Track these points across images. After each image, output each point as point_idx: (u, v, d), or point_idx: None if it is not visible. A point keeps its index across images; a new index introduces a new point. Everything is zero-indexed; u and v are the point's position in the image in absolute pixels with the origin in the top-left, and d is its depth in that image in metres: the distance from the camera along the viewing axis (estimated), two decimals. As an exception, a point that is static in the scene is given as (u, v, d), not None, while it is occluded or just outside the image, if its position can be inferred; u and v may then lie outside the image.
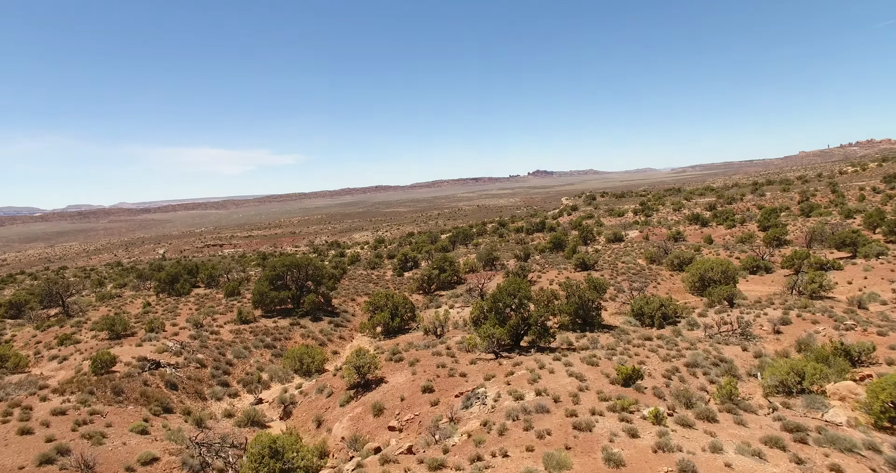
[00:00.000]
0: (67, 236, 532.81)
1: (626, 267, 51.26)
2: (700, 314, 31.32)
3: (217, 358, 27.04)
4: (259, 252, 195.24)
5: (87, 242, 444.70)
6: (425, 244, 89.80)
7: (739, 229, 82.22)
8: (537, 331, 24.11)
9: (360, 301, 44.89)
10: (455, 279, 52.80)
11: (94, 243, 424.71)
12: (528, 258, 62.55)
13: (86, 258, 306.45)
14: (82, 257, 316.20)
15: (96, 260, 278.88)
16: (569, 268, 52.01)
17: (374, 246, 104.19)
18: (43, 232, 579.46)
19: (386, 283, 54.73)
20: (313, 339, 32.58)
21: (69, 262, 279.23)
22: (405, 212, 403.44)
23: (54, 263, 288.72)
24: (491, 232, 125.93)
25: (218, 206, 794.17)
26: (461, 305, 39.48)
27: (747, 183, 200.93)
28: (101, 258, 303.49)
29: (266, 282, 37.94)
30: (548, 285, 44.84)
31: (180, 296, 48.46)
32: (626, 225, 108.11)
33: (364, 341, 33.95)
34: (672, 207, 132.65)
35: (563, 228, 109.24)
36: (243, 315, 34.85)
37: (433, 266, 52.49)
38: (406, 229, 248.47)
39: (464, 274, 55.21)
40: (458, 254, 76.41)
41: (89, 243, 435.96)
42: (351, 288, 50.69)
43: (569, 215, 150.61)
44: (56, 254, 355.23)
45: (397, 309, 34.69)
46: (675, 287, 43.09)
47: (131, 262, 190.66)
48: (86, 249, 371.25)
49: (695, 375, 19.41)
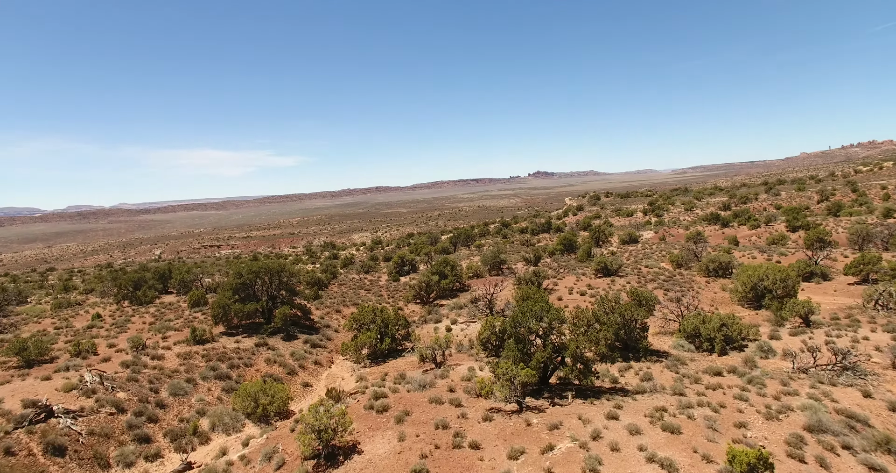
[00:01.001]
0: (66, 237, 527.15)
1: (654, 273, 44.35)
2: (771, 335, 24.44)
3: (145, 398, 20.16)
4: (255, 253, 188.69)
5: (86, 242, 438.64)
6: (424, 246, 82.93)
7: (765, 229, 75.35)
8: (577, 369, 17.24)
9: (347, 313, 38.03)
10: (457, 286, 45.93)
11: (91, 244, 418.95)
12: (539, 262, 55.69)
13: (82, 259, 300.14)
14: (79, 258, 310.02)
15: (91, 261, 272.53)
16: (588, 273, 45.11)
17: (371, 248, 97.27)
18: (42, 233, 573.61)
19: (379, 290, 47.89)
20: (281, 366, 25.68)
21: (65, 263, 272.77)
22: (405, 213, 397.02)
23: (50, 263, 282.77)
24: (494, 233, 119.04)
25: (218, 207, 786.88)
26: (465, 319, 32.57)
27: (756, 183, 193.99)
28: (97, 259, 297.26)
29: (229, 292, 31.05)
30: (567, 295, 37.98)
31: (142, 305, 41.63)
32: (637, 225, 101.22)
33: (345, 366, 27.06)
34: (683, 207, 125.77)
35: (570, 228, 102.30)
36: (198, 334, 27.97)
37: (432, 271, 45.63)
38: (406, 229, 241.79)
39: (467, 280, 48.32)
40: (459, 256, 69.51)
41: (87, 243, 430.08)
42: (338, 296, 43.82)
43: (574, 215, 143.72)
44: (53, 255, 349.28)
45: (387, 327, 27.83)
46: (717, 298, 36.17)
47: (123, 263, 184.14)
48: (83, 249, 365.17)
49: (834, 452, 12.54)
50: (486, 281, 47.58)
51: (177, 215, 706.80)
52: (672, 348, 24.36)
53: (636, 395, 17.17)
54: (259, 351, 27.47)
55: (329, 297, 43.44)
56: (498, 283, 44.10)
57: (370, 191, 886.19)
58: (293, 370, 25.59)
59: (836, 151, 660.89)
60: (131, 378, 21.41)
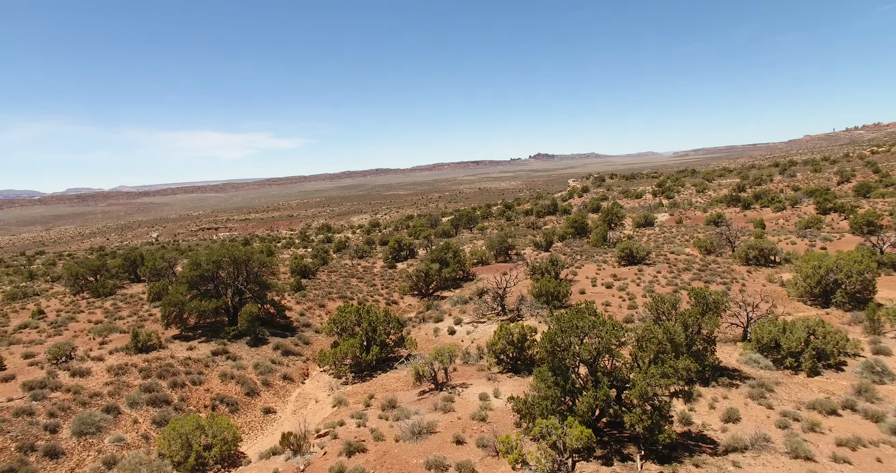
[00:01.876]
0: (65, 220, 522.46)
1: (685, 261, 38.46)
2: (876, 348, 18.67)
3: (30, 443, 14.44)
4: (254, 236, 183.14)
5: (84, 225, 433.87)
6: (424, 229, 76.99)
7: (791, 212, 69.30)
8: (648, 415, 11.45)
9: (333, 308, 32.32)
10: (460, 275, 40.16)
11: (89, 227, 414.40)
12: (551, 247, 49.82)
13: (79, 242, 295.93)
14: (76, 241, 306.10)
15: (88, 244, 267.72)
16: (610, 261, 39.24)
17: (368, 230, 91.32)
18: (41, 216, 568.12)
19: (373, 278, 42.16)
20: (239, 383, 19.99)
21: (62, 246, 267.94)
22: (405, 195, 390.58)
23: (48, 246, 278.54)
24: (497, 215, 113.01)
25: (217, 189, 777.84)
26: (472, 318, 26.80)
27: (765, 164, 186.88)
28: (94, 242, 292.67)
29: (185, 286, 25.22)
30: (590, 287, 32.09)
31: (101, 297, 35.94)
32: (649, 207, 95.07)
33: (322, 381, 21.40)
34: (695, 188, 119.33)
35: (578, 210, 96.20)
36: (141, 340, 22.24)
37: (432, 257, 39.79)
38: (406, 212, 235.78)
39: (471, 267, 42.51)
40: (461, 240, 63.71)
41: (85, 226, 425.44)
42: (325, 286, 38.06)
43: (580, 196, 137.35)
44: (51, 237, 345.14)
45: (375, 331, 22.09)
46: (768, 292, 30.32)
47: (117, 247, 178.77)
48: (81, 232, 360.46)
49: None
50: (493, 269, 41.80)
51: (176, 197, 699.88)
52: (742, 363, 18.62)
53: (733, 455, 11.45)
54: (215, 362, 21.75)
55: (315, 287, 37.70)
56: (507, 272, 38.30)
57: (370, 173, 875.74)
58: (254, 390, 19.89)
59: (840, 133, 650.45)
60: (23, 411, 15.69)
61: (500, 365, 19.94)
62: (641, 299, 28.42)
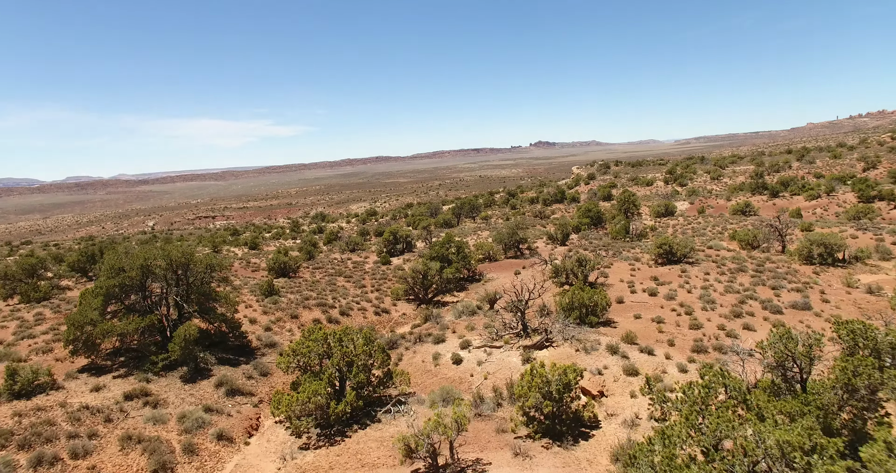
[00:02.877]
0: (64, 208, 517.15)
1: (735, 259, 31.75)
2: None
3: None
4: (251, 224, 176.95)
5: (83, 214, 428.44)
6: (423, 218, 70.27)
7: (827, 200, 62.51)
8: None
9: (309, 319, 25.76)
10: (465, 274, 33.57)
11: (87, 215, 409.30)
12: (567, 240, 43.16)
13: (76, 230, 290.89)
14: (73, 229, 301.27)
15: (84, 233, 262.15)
16: (644, 259, 32.57)
17: (364, 220, 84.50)
18: (39, 204, 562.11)
19: (362, 277, 35.61)
20: (148, 453, 13.45)
21: (59, 234, 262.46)
22: (405, 183, 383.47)
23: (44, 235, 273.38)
24: (500, 203, 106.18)
25: (217, 177, 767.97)
26: (484, 341, 20.12)
27: (777, 151, 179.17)
28: (89, 231, 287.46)
29: (99, 299, 18.58)
30: (627, 294, 25.42)
31: (30, 303, 29.39)
32: (664, 195, 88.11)
33: (275, 441, 14.87)
34: (709, 175, 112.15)
35: (588, 198, 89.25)
36: (21, 379, 15.66)
37: (432, 253, 33.14)
38: (405, 199, 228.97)
39: (477, 264, 35.82)
40: (464, 231, 57.00)
41: (83, 215, 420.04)
42: (305, 288, 31.49)
43: (586, 184, 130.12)
44: (48, 226, 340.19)
45: (351, 368, 15.56)
46: (862, 303, 23.65)
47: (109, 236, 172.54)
48: (78, 221, 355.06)
49: None
50: (503, 267, 35.15)
51: (175, 185, 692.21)
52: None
53: None
54: (125, 412, 15.20)
55: (292, 289, 31.11)
56: (520, 270, 31.66)
57: (370, 161, 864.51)
58: (169, 464, 13.31)
59: (844, 121, 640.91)
60: None
61: (531, 426, 13.39)
62: (702, 313, 21.78)
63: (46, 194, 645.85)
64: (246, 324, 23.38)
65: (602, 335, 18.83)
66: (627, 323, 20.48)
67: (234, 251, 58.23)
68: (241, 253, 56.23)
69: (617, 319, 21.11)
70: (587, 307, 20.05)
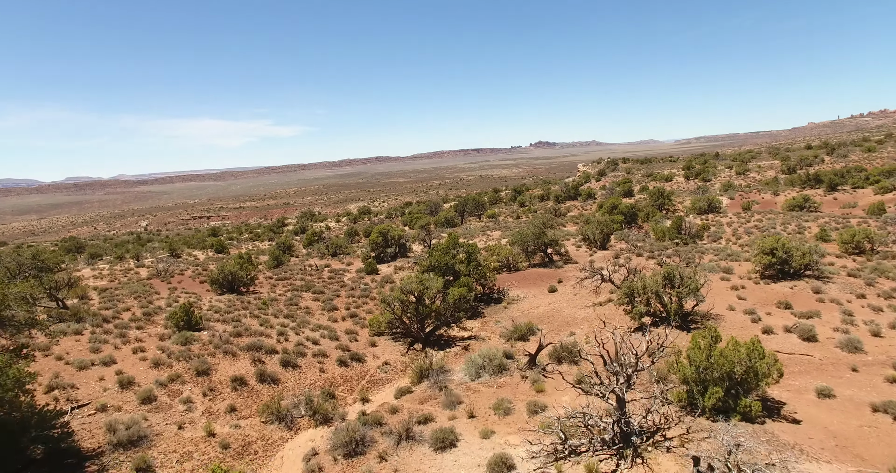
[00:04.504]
0: (62, 209, 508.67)
1: (880, 272, 21.51)
2: None
3: None
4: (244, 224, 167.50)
5: (79, 214, 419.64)
6: (421, 216, 60.16)
7: (900, 193, 52.37)
8: None
9: (226, 374, 15.61)
10: (482, 293, 23.35)
11: (82, 216, 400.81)
12: (608, 243, 32.97)
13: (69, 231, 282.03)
14: (67, 230, 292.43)
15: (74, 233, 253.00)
16: (737, 271, 22.45)
17: (355, 218, 74.27)
18: (37, 204, 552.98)
19: (336, 292, 25.53)
20: None
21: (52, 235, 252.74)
22: (405, 182, 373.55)
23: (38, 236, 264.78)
24: (508, 200, 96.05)
25: (216, 177, 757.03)
26: (532, 443, 10.05)
27: (797, 147, 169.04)
28: (80, 232, 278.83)
29: None
30: (755, 331, 15.43)
31: None
32: (692, 191, 77.92)
33: None
34: (734, 170, 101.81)
35: (606, 194, 78.90)
36: None
37: (432, 262, 22.94)
38: (405, 199, 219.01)
39: (493, 276, 25.51)
40: (470, 231, 46.85)
41: (80, 215, 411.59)
42: (246, 315, 21.42)
43: (598, 180, 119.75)
44: (42, 227, 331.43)
45: None
46: None
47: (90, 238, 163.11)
48: (73, 221, 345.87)
49: None
50: (529, 279, 24.91)
51: (175, 186, 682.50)
52: None
53: None
54: None
55: (228, 316, 21.01)
56: (556, 287, 21.55)
57: (370, 161, 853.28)
58: None
59: (845, 120, 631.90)
60: None
61: None
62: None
63: (45, 195, 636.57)
64: (112, 390, 13.23)
65: (778, 445, 8.66)
66: (806, 406, 10.31)
67: (196, 255, 47.99)
68: (203, 257, 46.07)
69: (783, 395, 10.93)
70: (739, 378, 9.95)
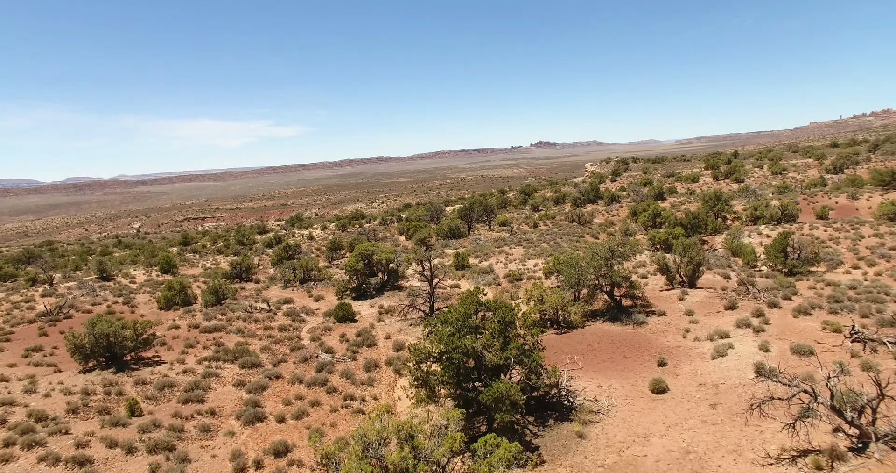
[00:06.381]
0: (59, 210, 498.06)
1: None
2: None
3: None
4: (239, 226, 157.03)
5: (76, 215, 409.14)
6: (421, 224, 49.22)
7: None
8: None
9: None
10: (528, 395, 12.35)
11: (77, 217, 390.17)
12: (698, 274, 21.90)
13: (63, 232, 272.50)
14: (61, 231, 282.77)
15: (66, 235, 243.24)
16: None
17: (344, 225, 63.22)
18: (35, 205, 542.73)
19: (281, 359, 14.67)
20: None
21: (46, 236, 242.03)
22: (405, 183, 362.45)
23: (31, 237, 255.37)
24: (518, 203, 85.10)
25: (216, 178, 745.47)
26: None
27: (820, 145, 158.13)
28: (71, 233, 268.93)
29: None
30: None
31: None
32: (734, 194, 66.80)
33: None
34: (769, 169, 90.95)
35: (637, 198, 67.79)
36: None
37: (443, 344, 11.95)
38: (405, 200, 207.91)
39: (540, 354, 14.36)
40: (483, 247, 35.82)
41: (76, 216, 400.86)
42: (88, 443, 10.66)
43: (613, 181, 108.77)
44: (36, 228, 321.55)
45: None
46: None
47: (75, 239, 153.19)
48: (68, 222, 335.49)
49: None
50: (599, 352, 13.83)
51: (174, 186, 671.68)
52: None
53: None
54: None
55: (66, 436, 10.19)
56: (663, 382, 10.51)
57: (370, 161, 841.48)
58: None
59: (847, 120, 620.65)
60: None
61: None
62: None
63: (44, 196, 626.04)
64: None
65: None
66: None
67: (135, 277, 36.85)
68: (142, 279, 35.05)
69: None
70: None
